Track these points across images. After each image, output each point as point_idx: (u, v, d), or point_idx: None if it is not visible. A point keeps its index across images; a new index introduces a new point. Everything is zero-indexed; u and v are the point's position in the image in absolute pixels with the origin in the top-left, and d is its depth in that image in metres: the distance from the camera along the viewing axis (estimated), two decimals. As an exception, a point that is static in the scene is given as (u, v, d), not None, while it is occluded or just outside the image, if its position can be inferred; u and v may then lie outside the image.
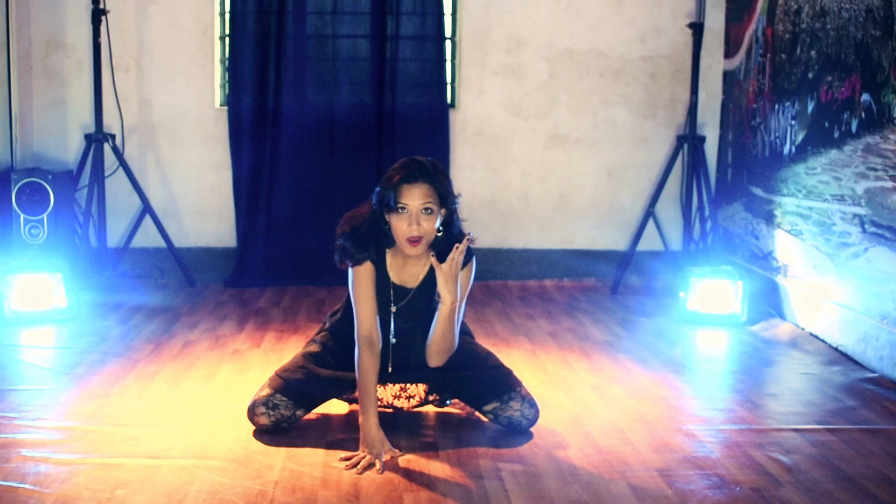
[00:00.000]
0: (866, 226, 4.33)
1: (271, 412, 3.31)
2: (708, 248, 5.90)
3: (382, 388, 3.42)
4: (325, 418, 3.52)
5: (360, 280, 3.26)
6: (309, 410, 3.40)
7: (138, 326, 4.86)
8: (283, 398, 3.33)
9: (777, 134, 5.31)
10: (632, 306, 5.55)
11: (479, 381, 3.39)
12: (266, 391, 3.34)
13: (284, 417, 3.33)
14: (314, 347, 3.48)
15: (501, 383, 3.40)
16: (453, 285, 3.16)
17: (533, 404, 3.38)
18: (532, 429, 3.41)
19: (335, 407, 3.60)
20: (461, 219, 3.32)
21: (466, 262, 3.27)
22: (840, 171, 4.58)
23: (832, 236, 4.66)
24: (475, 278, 3.36)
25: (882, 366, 4.16)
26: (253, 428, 3.36)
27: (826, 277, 4.73)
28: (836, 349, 4.56)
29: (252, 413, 3.33)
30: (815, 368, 4.31)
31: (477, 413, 3.50)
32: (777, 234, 5.30)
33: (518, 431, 3.38)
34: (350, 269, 3.27)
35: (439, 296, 3.19)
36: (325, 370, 3.36)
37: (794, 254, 5.09)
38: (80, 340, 4.57)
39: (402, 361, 3.37)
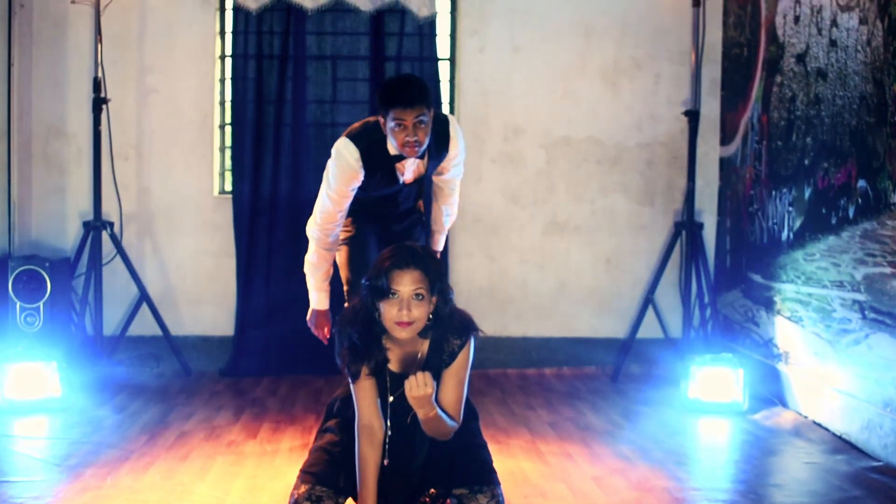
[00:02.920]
0: (866, 312, 4.32)
1: None
2: (708, 335, 5.88)
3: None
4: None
5: (359, 386, 3.22)
6: (346, 497, 3.31)
7: (133, 416, 4.82)
8: (324, 489, 3.20)
9: (775, 220, 5.33)
10: (632, 395, 5.52)
11: (458, 463, 3.31)
12: (303, 488, 3.19)
13: None
14: (331, 437, 3.41)
15: (479, 473, 3.29)
16: (418, 404, 3.09)
17: None
18: (532, 521, 3.36)
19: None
20: (460, 308, 3.28)
21: (464, 343, 3.23)
22: (839, 258, 4.59)
23: (832, 323, 4.65)
24: (474, 366, 3.32)
25: (887, 454, 4.12)
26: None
27: (827, 364, 4.71)
28: (839, 437, 4.51)
29: None
30: (819, 457, 4.27)
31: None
32: (777, 321, 5.29)
33: None
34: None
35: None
36: (353, 456, 3.27)
37: (794, 341, 5.08)
38: (73, 430, 4.52)
39: (400, 454, 3.30)
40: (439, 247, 4.57)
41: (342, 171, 3.99)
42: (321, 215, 4.08)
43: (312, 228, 4.14)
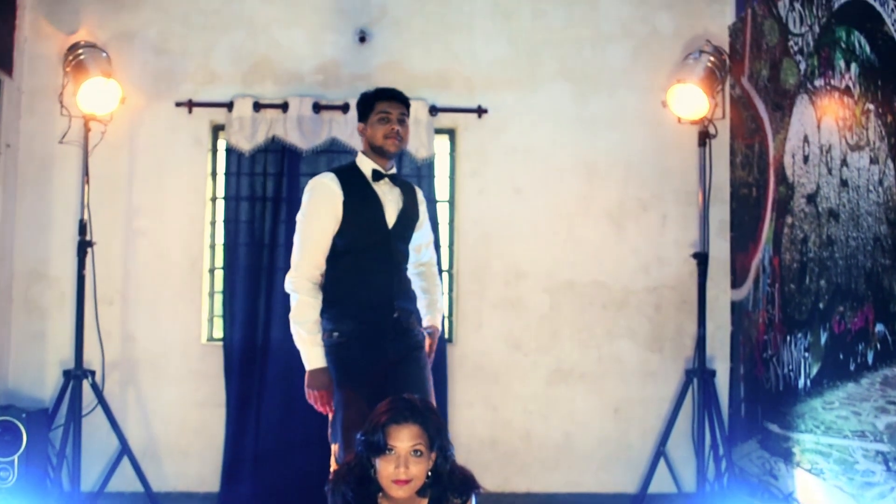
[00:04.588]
0: (891, 464, 4.28)
1: None
2: (724, 489, 5.80)
3: None
4: None
5: None
6: None
7: (109, 579, 4.72)
8: None
9: (790, 366, 5.32)
10: (645, 554, 5.41)
11: None
12: None
13: None
14: None
15: None
16: None
17: None
18: None
19: None
20: (460, 464, 3.25)
21: (465, 502, 3.19)
22: (859, 406, 4.57)
23: (855, 475, 4.59)
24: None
25: None
26: None
27: (852, 521, 4.64)
28: None
29: None
30: None
31: None
32: (797, 474, 5.22)
33: None
34: None
35: None
36: None
37: (816, 495, 5.00)
38: None
39: None
40: (438, 323, 4.65)
41: (319, 196, 4.21)
42: (301, 257, 4.21)
43: (293, 279, 4.21)
